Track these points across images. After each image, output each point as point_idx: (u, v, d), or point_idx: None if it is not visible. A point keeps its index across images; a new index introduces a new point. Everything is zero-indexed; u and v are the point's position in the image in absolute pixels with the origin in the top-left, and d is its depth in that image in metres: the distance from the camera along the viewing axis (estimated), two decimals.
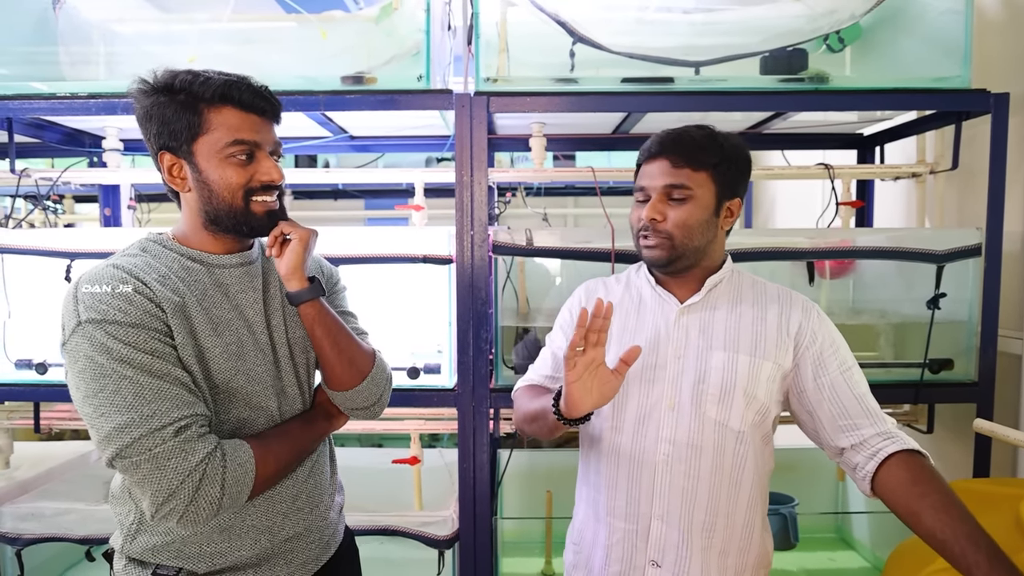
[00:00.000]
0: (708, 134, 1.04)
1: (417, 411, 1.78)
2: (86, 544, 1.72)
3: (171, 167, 0.91)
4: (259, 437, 0.92)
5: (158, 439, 0.79)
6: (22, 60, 1.68)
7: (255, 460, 0.87)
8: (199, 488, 0.81)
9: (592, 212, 3.89)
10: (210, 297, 0.92)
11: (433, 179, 1.84)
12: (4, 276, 1.66)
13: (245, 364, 0.92)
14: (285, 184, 0.97)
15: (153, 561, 0.90)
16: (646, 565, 1.05)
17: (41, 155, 2.18)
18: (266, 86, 0.93)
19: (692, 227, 1.02)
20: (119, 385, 0.80)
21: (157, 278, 0.87)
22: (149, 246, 0.94)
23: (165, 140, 0.90)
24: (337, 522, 1.09)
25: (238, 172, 0.90)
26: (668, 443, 1.04)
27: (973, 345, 1.60)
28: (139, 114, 0.91)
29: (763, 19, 1.59)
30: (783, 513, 1.75)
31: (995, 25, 1.73)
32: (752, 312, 1.07)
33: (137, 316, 0.83)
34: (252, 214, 0.92)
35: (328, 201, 3.72)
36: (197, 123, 0.88)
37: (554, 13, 1.55)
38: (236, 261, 0.97)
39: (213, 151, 0.89)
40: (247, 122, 0.90)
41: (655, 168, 1.04)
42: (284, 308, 1.01)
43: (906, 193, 2.05)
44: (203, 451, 0.82)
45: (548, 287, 1.76)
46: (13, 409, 1.92)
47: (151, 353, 0.82)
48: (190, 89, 0.88)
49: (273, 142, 0.94)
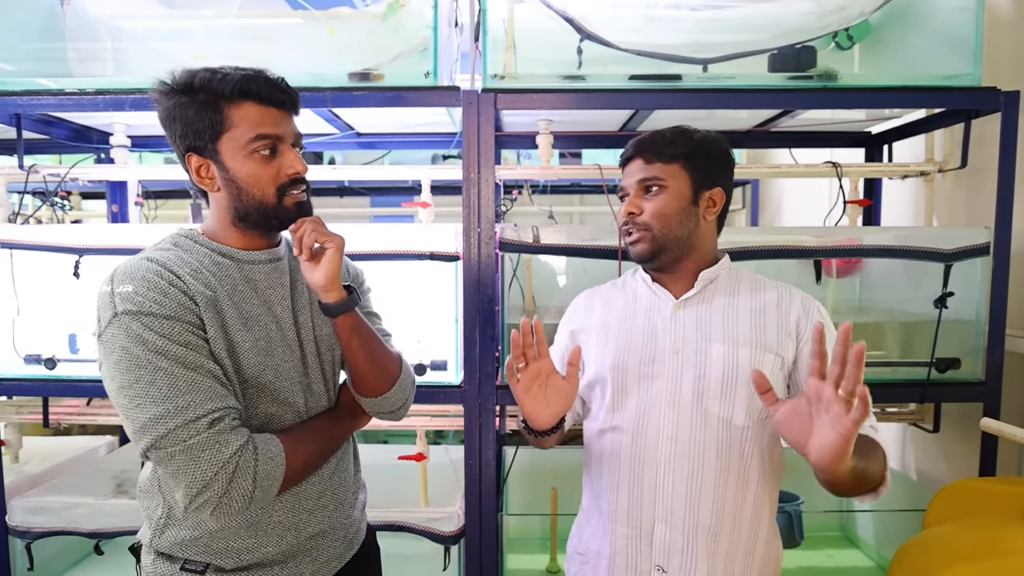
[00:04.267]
0: (678, 130, 1.08)
1: (423, 407, 1.78)
2: (95, 538, 1.74)
3: (199, 168, 0.91)
4: (288, 432, 0.93)
5: (192, 430, 0.80)
6: (30, 56, 1.68)
7: (285, 455, 0.88)
8: (232, 480, 0.81)
9: (598, 210, 3.89)
10: (240, 292, 0.92)
11: (440, 176, 1.84)
12: (13, 272, 1.67)
13: (273, 360, 0.93)
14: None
15: (181, 556, 0.91)
16: (651, 571, 1.04)
17: (49, 151, 2.19)
18: (283, 78, 0.93)
19: (669, 215, 1.05)
20: (154, 376, 0.81)
21: (190, 272, 0.88)
22: (180, 241, 0.94)
23: (191, 141, 0.90)
24: (360, 520, 1.09)
25: (263, 167, 0.90)
26: (670, 441, 1.03)
27: (980, 344, 1.60)
28: (162, 116, 0.91)
29: (772, 16, 1.58)
30: (788, 511, 1.75)
31: (1005, 22, 1.72)
32: (750, 305, 1.07)
33: (172, 308, 0.83)
34: (284, 208, 0.92)
35: (334, 198, 3.72)
36: (219, 120, 0.88)
37: (562, 10, 1.54)
38: (265, 258, 0.97)
39: (237, 147, 0.89)
40: (267, 116, 0.90)
41: (632, 168, 1.09)
42: (311, 305, 1.01)
43: (914, 192, 2.04)
44: (236, 443, 0.82)
45: (554, 284, 1.76)
46: (22, 404, 1.94)
47: (185, 345, 0.83)
48: (209, 87, 0.87)
49: (294, 134, 0.94)
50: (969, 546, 1.11)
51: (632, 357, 1.07)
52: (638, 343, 1.07)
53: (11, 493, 1.76)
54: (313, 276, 0.93)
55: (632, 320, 1.10)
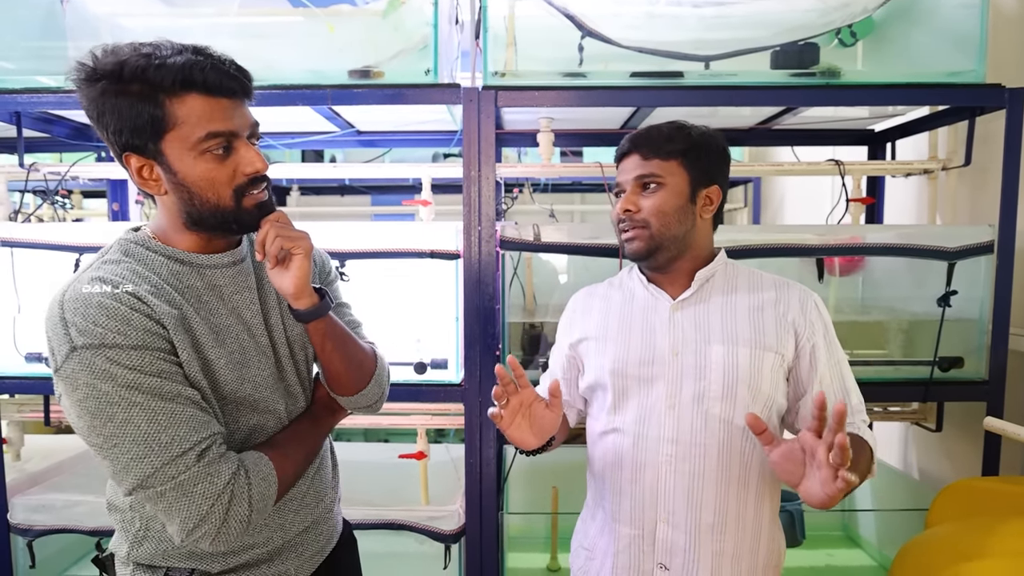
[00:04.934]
0: (675, 126, 1.07)
1: (424, 406, 1.78)
2: (96, 536, 1.74)
3: (140, 169, 0.80)
4: (274, 445, 0.89)
5: (181, 466, 0.76)
6: (30, 54, 1.68)
7: (276, 471, 0.85)
8: (229, 509, 0.78)
9: (599, 209, 3.88)
10: (207, 304, 0.86)
11: (440, 174, 1.83)
12: (14, 270, 1.67)
13: (250, 371, 0.89)
14: (294, 179, 0.95)
15: (163, 564, 0.88)
16: (654, 569, 1.04)
17: (49, 150, 2.19)
18: (231, 59, 0.81)
19: (667, 213, 1.04)
20: (129, 413, 0.74)
21: (151, 289, 0.80)
22: (131, 249, 0.85)
23: (127, 139, 0.78)
24: (338, 512, 1.10)
25: (217, 168, 0.80)
26: (671, 443, 1.03)
27: (984, 343, 1.59)
28: (86, 107, 0.78)
29: (774, 13, 1.57)
30: (789, 511, 1.75)
31: (1010, 18, 1.71)
32: (748, 302, 1.06)
33: (138, 337, 0.76)
34: (244, 211, 0.83)
35: (335, 197, 3.72)
36: (160, 117, 0.76)
37: (563, 7, 1.53)
38: (226, 260, 0.89)
39: (185, 148, 0.78)
40: (217, 109, 0.78)
41: (628, 164, 1.08)
42: (280, 305, 0.95)
43: (917, 190, 2.03)
44: (228, 472, 0.78)
45: (555, 283, 1.75)
46: (23, 402, 1.94)
47: (159, 375, 0.76)
48: (144, 77, 0.75)
49: (249, 125, 0.83)
50: (972, 546, 1.10)
51: (631, 360, 1.06)
52: (637, 345, 1.07)
53: (12, 491, 1.76)
54: (281, 283, 0.85)
55: (630, 321, 1.10)
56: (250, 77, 0.83)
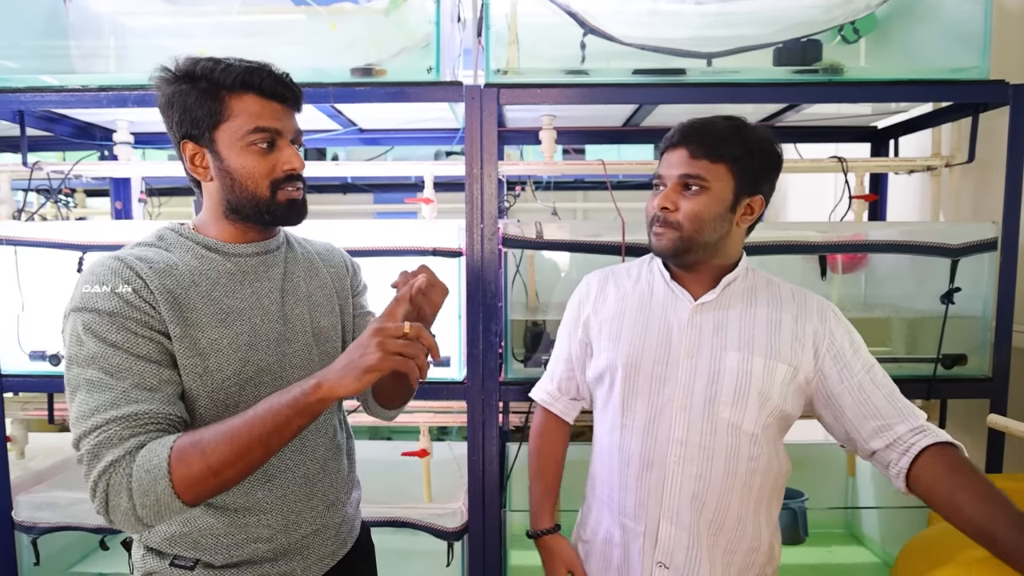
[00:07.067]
0: (733, 125, 1.01)
1: (426, 404, 1.78)
2: (100, 533, 1.75)
3: (193, 156, 0.90)
4: (196, 439, 0.77)
5: (86, 441, 0.78)
6: (33, 53, 1.68)
7: (170, 462, 0.75)
8: (108, 498, 0.77)
9: (602, 206, 3.88)
10: (223, 286, 0.90)
11: (443, 172, 1.83)
12: (18, 269, 1.68)
13: (257, 354, 0.91)
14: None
15: (171, 552, 0.91)
16: (653, 567, 1.04)
17: (53, 148, 2.19)
18: (287, 73, 0.91)
19: (704, 220, 1.00)
20: (79, 377, 0.80)
21: (162, 268, 0.86)
22: (166, 234, 0.93)
23: (187, 128, 0.88)
24: (354, 517, 1.09)
25: (259, 160, 0.89)
26: (679, 444, 1.02)
27: (987, 340, 1.59)
28: (160, 102, 0.90)
29: (777, 10, 1.57)
30: (792, 508, 1.75)
31: (1014, 14, 1.70)
32: (767, 313, 1.05)
33: (114, 305, 0.81)
34: (277, 203, 0.91)
35: (337, 195, 3.72)
36: (218, 110, 0.87)
37: (565, 4, 1.53)
38: (254, 250, 0.95)
39: (234, 139, 0.88)
40: (268, 109, 0.88)
41: (674, 157, 1.02)
42: (310, 298, 0.99)
43: (920, 187, 2.02)
44: (108, 458, 0.76)
45: (557, 280, 1.75)
46: (27, 400, 1.94)
47: (113, 344, 0.80)
48: (211, 76, 0.86)
49: (294, 131, 0.93)
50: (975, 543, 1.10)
51: (646, 358, 1.05)
52: (652, 344, 1.05)
53: (17, 489, 1.77)
54: (358, 363, 0.76)
55: (647, 317, 1.08)
56: (301, 92, 0.93)
